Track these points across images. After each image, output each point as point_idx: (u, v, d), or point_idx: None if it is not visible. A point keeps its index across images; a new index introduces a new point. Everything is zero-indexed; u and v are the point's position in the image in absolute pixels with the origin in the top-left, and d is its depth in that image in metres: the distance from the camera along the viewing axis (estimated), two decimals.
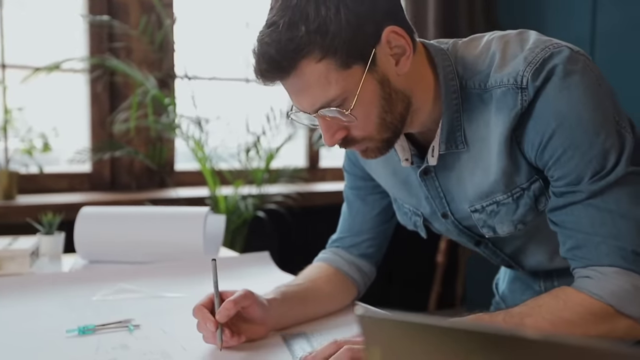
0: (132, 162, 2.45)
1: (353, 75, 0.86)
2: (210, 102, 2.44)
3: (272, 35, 0.85)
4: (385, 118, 0.90)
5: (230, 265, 1.41)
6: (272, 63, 0.86)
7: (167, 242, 1.40)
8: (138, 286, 1.27)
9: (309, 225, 2.58)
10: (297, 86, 0.88)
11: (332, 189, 2.69)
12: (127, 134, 2.31)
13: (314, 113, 0.90)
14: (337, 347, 0.84)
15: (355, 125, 0.90)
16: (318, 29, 0.83)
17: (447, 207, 1.03)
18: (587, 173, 0.85)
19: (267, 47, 0.85)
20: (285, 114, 1.02)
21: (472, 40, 0.97)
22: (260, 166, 2.38)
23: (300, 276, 1.14)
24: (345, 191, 1.21)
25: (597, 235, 0.86)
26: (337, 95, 0.87)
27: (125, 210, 1.48)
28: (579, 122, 0.85)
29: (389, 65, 0.89)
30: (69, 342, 0.98)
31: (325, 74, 0.86)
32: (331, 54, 0.84)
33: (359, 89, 0.87)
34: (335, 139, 0.92)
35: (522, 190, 0.94)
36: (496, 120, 0.90)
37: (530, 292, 1.19)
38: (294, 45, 0.84)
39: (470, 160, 0.96)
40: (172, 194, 2.36)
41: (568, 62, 0.86)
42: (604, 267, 0.85)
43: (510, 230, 0.97)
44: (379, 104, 0.89)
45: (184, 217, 1.42)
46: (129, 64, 2.26)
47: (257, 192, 2.37)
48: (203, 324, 0.93)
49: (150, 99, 2.14)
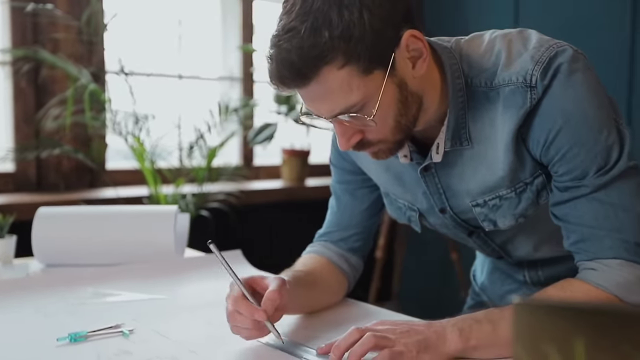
0: (60, 161, 2.31)
1: (374, 80, 0.85)
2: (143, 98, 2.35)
3: (292, 41, 0.82)
4: (401, 121, 0.90)
5: (203, 264, 1.37)
6: (294, 70, 0.83)
7: (137, 243, 1.33)
8: (112, 289, 1.20)
9: (252, 222, 2.55)
10: (317, 93, 0.86)
11: (269, 187, 2.67)
12: (57, 131, 2.18)
13: (331, 118, 0.88)
14: (360, 334, 0.84)
15: (371, 128, 0.89)
16: (342, 35, 0.81)
17: (446, 203, 1.04)
18: (592, 168, 0.89)
19: (287, 54, 0.82)
20: (297, 117, 0.99)
21: (474, 38, 0.98)
22: (201, 164, 2.32)
23: (299, 265, 1.12)
24: (333, 185, 1.20)
25: (601, 228, 0.89)
26: (358, 101, 0.86)
27: (88, 210, 1.40)
28: (584, 119, 0.88)
29: (406, 69, 0.88)
30: (64, 351, 0.91)
31: (347, 81, 0.84)
32: (354, 60, 0.83)
33: (380, 94, 0.86)
34: (350, 143, 0.90)
35: (525, 185, 0.97)
36: (503, 117, 0.92)
37: (510, 281, 1.23)
38: (317, 52, 0.81)
39: (473, 157, 0.97)
40: (106, 193, 2.25)
41: (572, 61, 0.89)
42: (608, 260, 0.89)
43: (511, 223, 1.00)
44: (396, 107, 0.89)
45: (153, 216, 1.36)
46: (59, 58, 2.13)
47: (198, 190, 2.31)
48: (249, 315, 0.89)
49: (88, 95, 2.03)
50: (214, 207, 2.35)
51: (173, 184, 2.27)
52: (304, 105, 0.92)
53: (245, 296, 0.91)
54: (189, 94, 2.68)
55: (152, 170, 2.18)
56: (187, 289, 1.24)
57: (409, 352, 0.84)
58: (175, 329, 1.01)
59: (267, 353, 0.91)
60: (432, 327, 0.88)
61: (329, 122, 0.91)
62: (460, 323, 0.88)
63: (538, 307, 0.40)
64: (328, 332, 1.00)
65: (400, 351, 0.83)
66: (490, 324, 0.88)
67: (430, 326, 0.88)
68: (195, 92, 2.72)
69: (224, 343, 0.94)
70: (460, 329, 0.87)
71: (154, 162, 2.19)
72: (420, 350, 0.85)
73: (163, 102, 2.55)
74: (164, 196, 2.21)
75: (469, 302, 1.38)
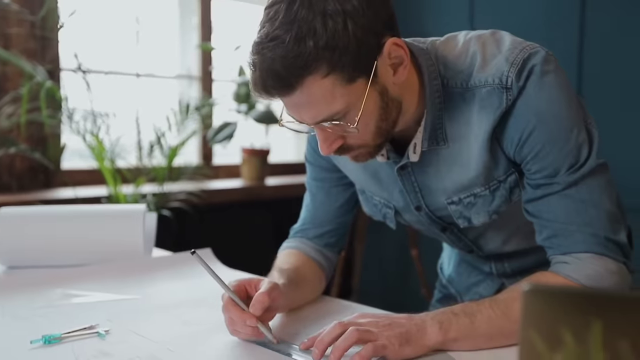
0: (12, 161, 2.24)
1: (357, 88, 0.86)
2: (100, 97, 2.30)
3: (276, 50, 0.81)
4: (381, 126, 0.91)
5: (172, 263, 1.35)
6: (278, 79, 0.83)
7: (104, 243, 1.30)
8: (81, 290, 1.17)
9: (212, 222, 2.53)
10: (300, 101, 0.86)
11: (230, 186, 2.65)
12: (10, 130, 2.12)
13: (314, 125, 0.89)
14: (343, 328, 0.85)
15: (353, 134, 0.90)
16: (327, 45, 0.81)
17: (421, 201, 1.06)
18: (563, 166, 0.92)
19: (271, 62, 0.82)
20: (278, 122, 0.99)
21: (448, 40, 1.00)
22: (161, 163, 2.29)
23: (285, 263, 1.12)
24: (308, 182, 1.21)
25: (572, 224, 0.93)
26: (341, 109, 0.86)
27: (53, 210, 1.36)
28: (556, 119, 0.91)
29: (388, 76, 0.89)
30: (39, 353, 0.88)
31: (330, 90, 0.84)
32: (338, 70, 0.83)
33: (364, 102, 0.87)
34: (332, 148, 0.91)
35: (499, 182, 0.99)
36: (479, 118, 0.94)
37: (476, 273, 1.26)
38: (302, 62, 0.81)
39: (449, 156, 0.99)
40: (63, 193, 2.20)
41: (544, 63, 0.92)
42: (579, 253, 0.92)
43: (485, 220, 1.02)
44: (378, 113, 0.90)
45: (120, 215, 1.33)
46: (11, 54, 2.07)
47: (158, 190, 2.27)
48: (241, 321, 0.89)
49: (44, 93, 1.98)
50: (174, 206, 2.32)
51: (133, 183, 2.23)
52: (286, 111, 0.92)
53: (235, 302, 0.90)
54: (146, 93, 2.64)
55: (111, 170, 2.14)
56: (159, 289, 1.22)
57: (392, 345, 0.85)
58: (152, 328, 0.99)
59: (248, 350, 0.91)
60: (412, 320, 0.89)
61: (310, 127, 0.91)
62: (439, 316, 0.90)
63: (552, 293, 0.41)
64: (306, 327, 1.00)
65: (383, 344, 0.84)
66: (467, 317, 0.90)
67: (411, 319, 0.89)
68: (152, 91, 2.68)
69: (203, 341, 0.94)
70: (440, 321, 0.89)
71: (114, 161, 2.15)
72: (402, 343, 0.86)
73: (120, 101, 2.51)
74: (124, 196, 2.17)
75: (436, 294, 1.41)
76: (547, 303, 0.40)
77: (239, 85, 2.67)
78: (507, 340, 0.90)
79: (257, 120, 2.66)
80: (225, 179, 2.83)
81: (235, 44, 2.63)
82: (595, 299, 0.38)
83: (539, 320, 0.41)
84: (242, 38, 2.73)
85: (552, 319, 0.40)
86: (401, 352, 0.86)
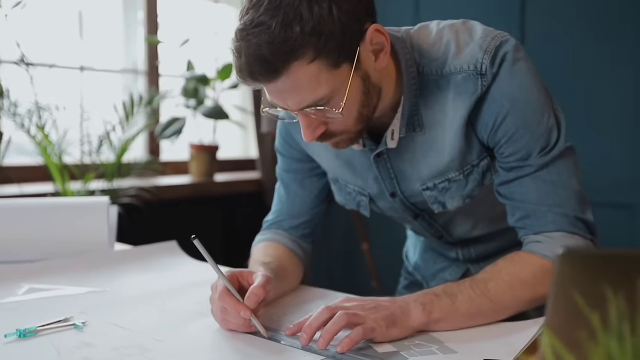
0: None
1: (342, 74, 0.87)
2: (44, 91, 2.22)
3: (262, 36, 0.81)
4: (363, 112, 0.93)
5: (137, 256, 1.33)
6: (265, 65, 0.83)
7: (68, 236, 1.27)
8: (49, 284, 1.14)
9: (162, 218, 2.49)
10: (286, 87, 0.86)
11: (179, 182, 2.61)
12: None
13: (298, 111, 0.89)
14: (331, 313, 0.86)
15: (336, 120, 0.91)
16: (313, 31, 0.82)
17: (397, 187, 1.08)
18: (535, 149, 0.96)
19: (257, 48, 0.82)
20: (260, 109, 0.99)
21: (421, 29, 1.02)
22: (109, 159, 2.23)
23: (266, 256, 1.11)
24: (281, 174, 1.21)
25: (544, 204, 0.97)
26: (326, 95, 0.87)
27: (12, 203, 1.31)
28: (529, 104, 0.95)
29: (369, 62, 0.91)
30: (16, 347, 0.85)
31: (316, 75, 0.85)
32: (324, 55, 0.84)
33: (348, 87, 0.88)
34: (315, 134, 0.92)
35: (472, 167, 1.02)
36: (454, 104, 0.97)
37: (442, 260, 1.29)
38: (289, 47, 0.82)
39: (425, 143, 1.02)
40: (6, 190, 2.11)
41: (515, 51, 0.95)
42: (552, 233, 0.96)
43: (459, 204, 1.05)
44: (360, 99, 0.91)
45: (84, 208, 1.30)
46: None
47: (108, 187, 2.21)
48: (235, 312, 0.88)
49: None
50: (124, 203, 2.27)
51: (80, 180, 2.16)
52: (268, 98, 0.92)
53: (231, 292, 0.90)
54: (91, 87, 2.57)
55: (59, 166, 2.07)
56: (127, 281, 1.20)
57: (380, 328, 0.86)
58: (130, 320, 0.97)
59: (237, 337, 0.90)
60: (396, 303, 0.91)
61: (293, 114, 0.91)
62: (422, 298, 0.92)
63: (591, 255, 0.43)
64: (287, 315, 1.00)
65: (372, 327, 0.86)
66: (449, 298, 0.92)
67: (394, 302, 0.91)
68: (97, 85, 2.61)
69: (187, 331, 0.93)
70: (423, 303, 0.91)
71: (61, 157, 2.08)
72: (389, 325, 0.87)
73: (65, 95, 2.43)
74: (72, 193, 2.11)
75: (402, 282, 1.43)
76: (588, 265, 0.43)
77: (188, 80, 2.63)
78: (485, 319, 0.93)
79: (207, 116, 2.63)
80: (172, 176, 2.79)
81: (182, 39, 2.60)
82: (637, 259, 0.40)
83: (577, 281, 0.43)
84: (189, 33, 2.69)
85: (592, 279, 0.42)
86: (389, 334, 0.87)
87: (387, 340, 0.88)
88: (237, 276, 0.94)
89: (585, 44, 2.30)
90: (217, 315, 0.92)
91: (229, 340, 0.89)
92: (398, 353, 0.84)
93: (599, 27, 2.27)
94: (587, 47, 2.29)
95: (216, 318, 0.93)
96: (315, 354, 0.84)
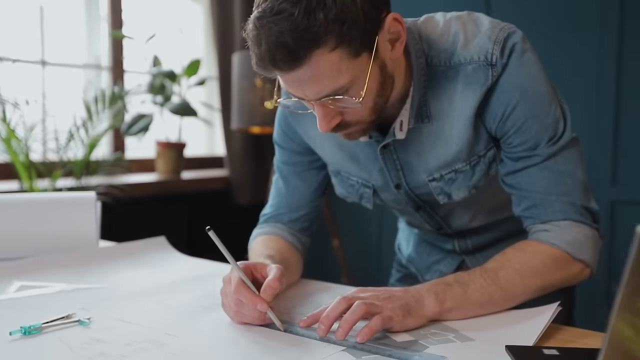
0: None
1: (361, 63, 0.86)
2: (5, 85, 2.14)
3: (283, 24, 0.80)
4: (378, 102, 0.92)
5: (131, 252, 1.29)
6: (287, 52, 0.81)
7: (55, 233, 1.22)
8: (41, 281, 1.09)
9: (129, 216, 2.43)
10: (305, 76, 0.85)
11: (146, 179, 2.56)
12: None
13: (316, 100, 0.88)
14: (348, 303, 0.86)
15: (351, 110, 0.90)
16: (336, 18, 0.81)
17: (402, 179, 1.08)
18: (543, 139, 0.97)
19: (279, 35, 0.80)
20: (274, 99, 0.97)
21: (427, 20, 1.03)
22: (77, 156, 2.16)
23: (266, 248, 1.09)
24: (279, 166, 1.19)
25: (551, 194, 0.98)
26: (345, 84, 0.86)
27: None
28: (538, 94, 0.96)
29: (386, 51, 0.90)
30: (23, 344, 0.82)
31: (337, 64, 0.84)
32: (345, 43, 0.83)
33: (368, 76, 0.87)
34: (331, 124, 0.91)
35: (479, 157, 1.03)
36: (463, 94, 0.97)
37: (437, 252, 1.30)
38: (312, 35, 0.80)
39: (432, 134, 1.02)
40: None
41: (523, 42, 0.97)
42: (559, 221, 0.98)
43: (464, 194, 1.06)
44: (376, 89, 0.91)
45: (71, 203, 1.25)
46: None
47: (76, 184, 2.15)
48: (252, 305, 0.86)
49: None
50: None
51: (47, 177, 2.09)
52: (284, 87, 0.91)
53: (247, 284, 0.88)
54: (53, 83, 2.49)
55: (26, 163, 2.00)
56: (122, 277, 1.16)
57: (397, 317, 0.86)
58: (135, 315, 0.94)
59: (248, 330, 0.89)
60: (409, 292, 0.91)
61: (307, 104, 0.90)
62: (434, 288, 0.92)
63: None
64: (295, 307, 0.99)
65: (390, 316, 0.85)
66: (460, 287, 0.93)
67: (407, 292, 0.91)
68: (59, 80, 2.53)
69: (197, 325, 0.90)
70: (436, 292, 0.91)
71: (28, 154, 2.01)
72: (405, 314, 0.87)
73: (26, 91, 2.34)
74: (39, 191, 2.04)
75: (394, 274, 1.44)
76: None
77: (154, 76, 2.58)
78: (496, 307, 0.94)
79: (174, 112, 2.59)
80: (138, 173, 2.73)
81: (146, 35, 2.55)
82: None
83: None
84: (154, 29, 2.64)
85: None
86: (405, 323, 0.87)
87: (403, 329, 0.88)
88: (250, 268, 0.93)
89: (549, 42, 2.36)
90: (229, 308, 0.90)
91: (243, 333, 0.88)
92: (417, 342, 0.85)
93: (564, 26, 2.34)
94: (550, 45, 2.36)
95: (228, 311, 0.91)
96: (334, 344, 0.83)
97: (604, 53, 2.28)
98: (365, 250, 2.99)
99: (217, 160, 3.11)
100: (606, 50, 2.27)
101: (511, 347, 0.80)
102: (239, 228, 3.15)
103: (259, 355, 0.79)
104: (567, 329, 0.91)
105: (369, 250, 2.99)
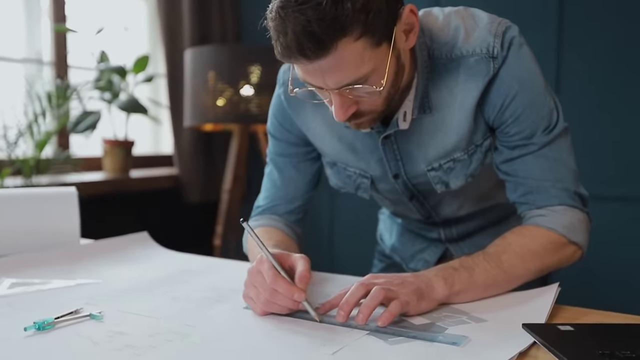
0: None
1: (381, 52, 0.88)
2: None
3: (310, 13, 0.81)
4: (391, 92, 0.95)
5: (117, 248, 1.26)
6: (316, 41, 0.82)
7: (38, 229, 1.17)
8: (33, 278, 1.05)
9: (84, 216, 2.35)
10: (329, 65, 0.85)
11: (93, 178, 2.48)
12: None
13: (337, 89, 0.89)
14: (366, 289, 0.87)
15: (366, 100, 0.92)
16: (363, 7, 0.82)
17: (401, 169, 1.10)
18: (540, 128, 1.02)
19: (307, 24, 0.81)
20: (289, 89, 0.97)
21: (427, 14, 1.06)
22: (28, 154, 2.08)
23: (267, 239, 1.08)
24: (274, 158, 1.19)
25: (547, 180, 1.03)
26: (366, 73, 0.88)
27: None
28: (534, 85, 1.02)
29: (402, 41, 0.93)
30: (41, 340, 0.79)
31: (361, 53, 0.85)
32: (369, 33, 0.85)
33: (388, 66, 0.89)
34: (347, 114, 0.92)
35: (476, 147, 1.07)
36: (465, 86, 1.01)
37: (420, 240, 1.34)
38: (339, 24, 0.81)
39: (432, 124, 1.05)
40: None
41: (519, 35, 1.02)
42: (555, 206, 1.03)
43: (461, 183, 1.10)
44: (392, 79, 0.93)
45: (52, 199, 1.21)
46: None
47: (26, 183, 2.06)
48: (289, 295, 0.85)
49: None
50: None
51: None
52: (301, 77, 0.91)
53: (282, 274, 0.88)
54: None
55: None
56: (116, 272, 1.13)
57: (412, 301, 0.89)
58: (146, 308, 0.92)
59: (266, 319, 0.89)
60: (419, 277, 0.94)
61: (323, 94, 0.91)
62: (441, 272, 0.95)
63: None
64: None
65: (406, 301, 0.88)
66: (466, 271, 0.96)
67: (417, 277, 0.94)
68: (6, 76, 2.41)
69: (213, 316, 0.90)
70: (444, 277, 0.94)
71: None
72: (419, 299, 0.90)
73: None
74: None
75: (377, 264, 1.46)
76: None
77: (102, 72, 2.50)
78: (499, 289, 0.99)
79: (123, 109, 2.52)
80: (84, 172, 2.64)
81: (90, 30, 2.47)
82: None
83: None
84: (97, 24, 2.56)
85: None
86: (419, 307, 0.90)
87: (418, 313, 0.90)
88: (278, 259, 0.93)
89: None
90: (258, 298, 0.89)
91: (264, 321, 0.88)
92: (434, 324, 0.87)
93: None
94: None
95: (255, 301, 0.90)
96: (356, 329, 0.85)
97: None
98: (317, 245, 3.01)
99: (165, 158, 3.05)
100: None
101: (529, 324, 0.84)
102: (188, 227, 3.10)
103: (290, 339, 0.80)
104: (568, 308, 0.96)
105: (320, 245, 3.01)
